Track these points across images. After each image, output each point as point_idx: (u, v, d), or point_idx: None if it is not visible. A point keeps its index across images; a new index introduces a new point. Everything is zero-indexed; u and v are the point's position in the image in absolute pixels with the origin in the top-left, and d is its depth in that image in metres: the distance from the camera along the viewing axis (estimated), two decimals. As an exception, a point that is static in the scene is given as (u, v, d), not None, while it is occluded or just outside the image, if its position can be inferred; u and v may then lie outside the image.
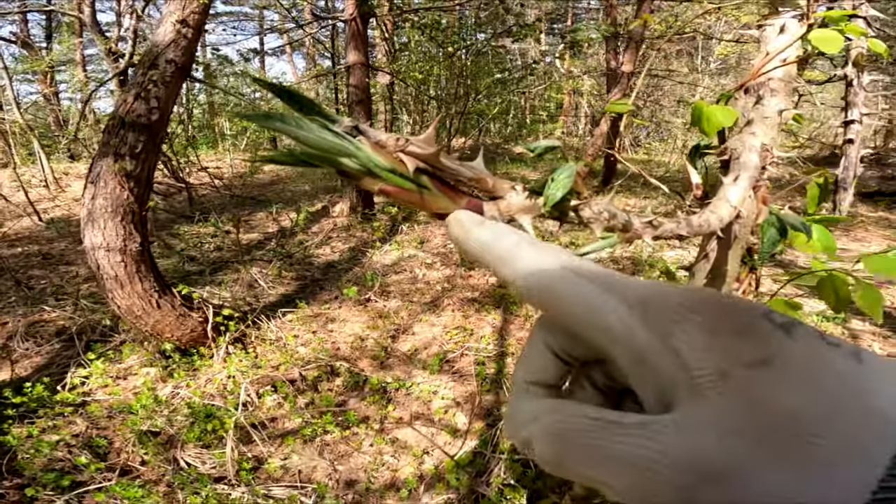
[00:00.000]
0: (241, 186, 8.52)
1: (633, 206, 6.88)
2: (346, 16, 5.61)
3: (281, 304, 3.97)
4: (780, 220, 0.61)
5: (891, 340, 3.13)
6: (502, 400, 2.51)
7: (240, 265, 4.88)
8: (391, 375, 2.81)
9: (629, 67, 6.35)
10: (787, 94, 0.69)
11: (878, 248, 5.61)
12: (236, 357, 2.95)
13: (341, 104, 8.44)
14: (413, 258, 4.90)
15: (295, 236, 5.89)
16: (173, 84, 3.29)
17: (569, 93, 12.27)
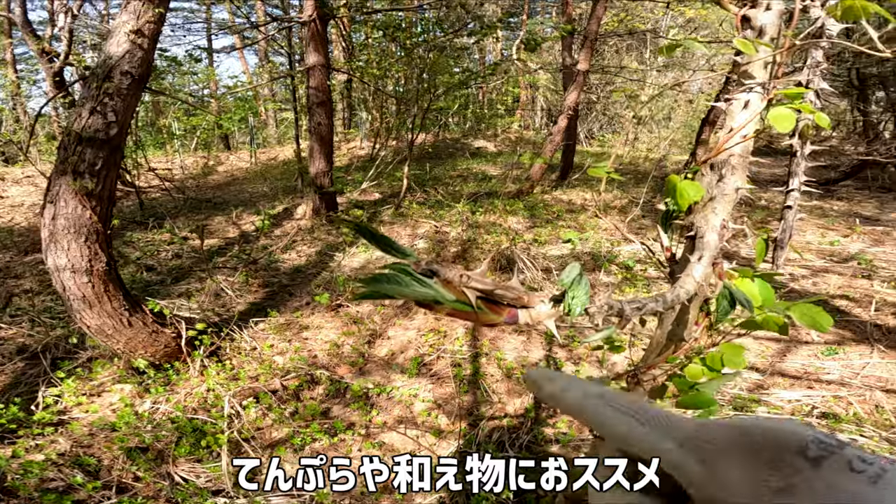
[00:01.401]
0: (194, 188, 8.37)
1: (591, 199, 7.23)
2: (305, 17, 5.63)
3: (251, 313, 4.03)
4: (731, 294, 0.81)
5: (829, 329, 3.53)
6: (480, 400, 2.72)
7: (203, 273, 4.89)
8: (371, 381, 2.97)
9: (584, 66, 6.65)
10: (744, 170, 0.90)
11: (813, 237, 6.16)
12: (213, 370, 3.03)
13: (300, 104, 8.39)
14: (381, 260, 5.04)
15: (258, 241, 5.90)
16: (130, 97, 3.27)
17: (525, 87, 12.60)
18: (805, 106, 0.83)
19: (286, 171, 9.31)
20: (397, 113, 7.76)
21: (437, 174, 8.16)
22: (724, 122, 0.92)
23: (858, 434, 2.24)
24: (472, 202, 6.50)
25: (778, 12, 0.89)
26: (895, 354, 3.10)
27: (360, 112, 10.12)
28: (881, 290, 4.30)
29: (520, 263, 4.47)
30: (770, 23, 0.87)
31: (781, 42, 0.88)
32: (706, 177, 0.90)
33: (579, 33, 7.78)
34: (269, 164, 10.19)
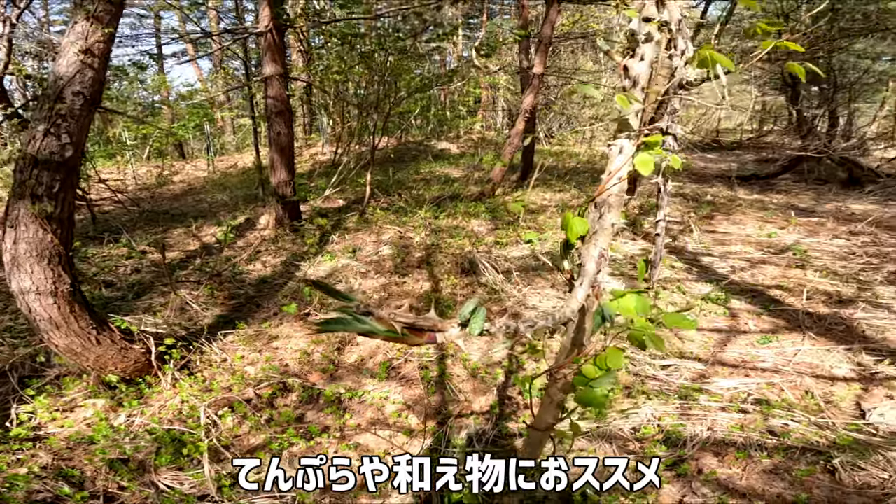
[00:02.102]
0: (150, 200, 8.29)
1: (549, 199, 7.57)
2: (262, 28, 5.72)
3: (219, 326, 4.14)
4: (603, 311, 1.06)
5: (764, 317, 3.92)
6: (448, 399, 2.95)
7: (165, 287, 4.94)
8: (343, 386, 3.16)
9: (540, 69, 6.97)
10: (619, 207, 1.15)
11: (753, 229, 6.66)
12: (186, 383, 3.16)
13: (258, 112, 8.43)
14: (347, 268, 5.20)
15: (221, 253, 5.96)
16: (84, 117, 3.30)
17: (486, 87, 12.93)
18: (660, 150, 1.09)
19: (246, 179, 9.31)
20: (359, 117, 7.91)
21: (400, 178, 8.35)
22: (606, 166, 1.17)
23: (790, 419, 2.57)
24: (436, 206, 6.72)
25: (649, 62, 1.15)
26: (824, 341, 3.49)
27: (320, 117, 10.18)
28: (813, 279, 4.76)
29: (481, 267, 4.72)
30: (642, 73, 1.13)
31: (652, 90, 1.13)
32: (592, 213, 1.15)
33: (535, 37, 8.11)
34: (227, 173, 10.15)
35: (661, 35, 1.21)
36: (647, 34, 1.18)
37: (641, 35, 1.18)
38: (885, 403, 2.55)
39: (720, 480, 2.11)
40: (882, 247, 5.85)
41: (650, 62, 1.16)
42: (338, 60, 7.44)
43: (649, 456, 2.23)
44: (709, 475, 2.12)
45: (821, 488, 2.05)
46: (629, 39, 1.25)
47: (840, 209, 8.02)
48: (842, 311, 4.02)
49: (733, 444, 2.31)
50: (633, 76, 1.12)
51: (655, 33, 1.19)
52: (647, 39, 1.13)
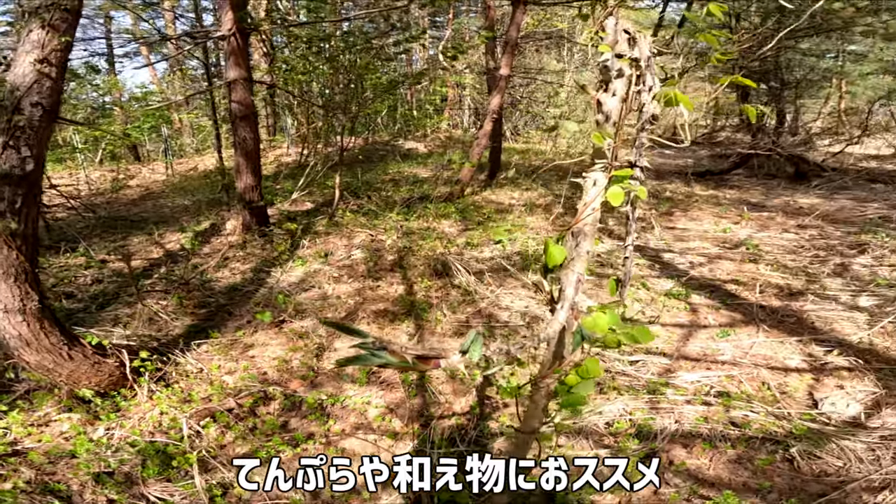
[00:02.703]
0: (105, 206, 8.06)
1: (517, 198, 7.78)
2: (224, 31, 5.67)
3: (191, 336, 4.13)
4: (582, 332, 1.20)
5: (722, 311, 4.19)
6: (429, 401, 3.07)
7: (130, 298, 4.88)
8: (324, 392, 3.23)
9: (506, 71, 7.15)
10: (593, 235, 1.29)
11: (709, 225, 7.03)
12: (163, 394, 3.17)
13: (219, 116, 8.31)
14: (319, 273, 5.24)
15: (187, 260, 5.89)
16: (43, 129, 3.23)
17: (452, 86, 13.07)
18: (629, 184, 1.24)
19: (208, 183, 9.16)
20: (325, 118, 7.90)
21: (368, 179, 8.39)
22: (581, 196, 1.31)
23: (749, 410, 2.80)
24: (406, 208, 6.82)
25: (620, 98, 1.29)
26: (777, 333, 3.78)
27: (284, 118, 10.08)
28: (766, 272, 5.10)
29: (454, 268, 4.86)
30: (614, 108, 1.27)
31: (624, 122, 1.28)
32: (569, 241, 1.29)
33: (500, 37, 8.28)
34: (187, 176, 9.93)
35: (632, 71, 1.34)
36: (618, 70, 1.31)
37: (614, 71, 1.32)
38: (835, 393, 2.82)
39: (690, 471, 2.31)
40: (828, 240, 6.29)
41: (621, 97, 1.30)
42: (302, 61, 7.42)
43: (624, 450, 2.41)
44: (679, 466, 2.32)
45: (781, 476, 2.27)
46: (602, 73, 1.38)
47: (788, 203, 8.53)
48: (792, 303, 4.34)
49: (699, 436, 2.52)
50: (606, 111, 1.26)
51: (626, 69, 1.32)
52: (619, 75, 1.27)
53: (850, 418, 2.62)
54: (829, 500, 2.08)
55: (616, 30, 1.26)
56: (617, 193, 1.23)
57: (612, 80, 1.25)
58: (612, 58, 1.27)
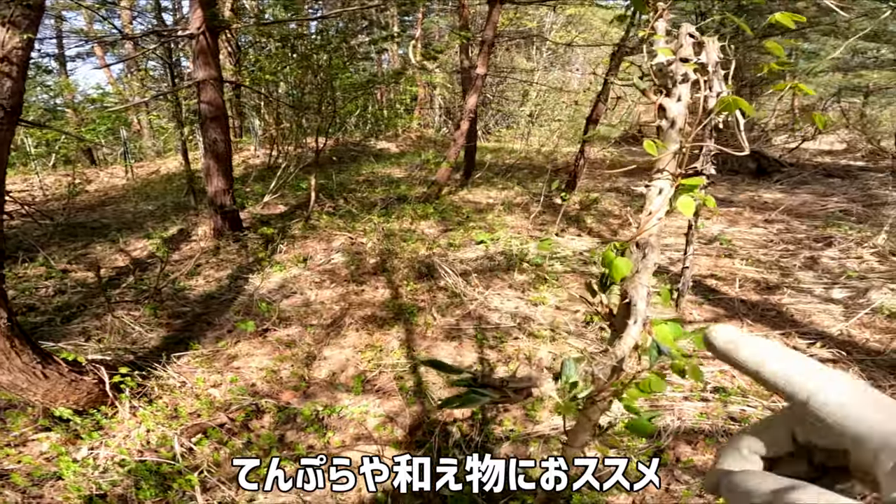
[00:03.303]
0: (62, 212, 7.69)
1: (494, 197, 7.83)
2: (193, 30, 5.49)
3: (169, 348, 4.00)
4: (658, 346, 1.20)
5: (705, 307, 4.32)
6: (428, 408, 3.05)
7: (98, 309, 4.68)
8: (319, 403, 3.18)
9: (483, 70, 7.17)
10: (659, 246, 1.30)
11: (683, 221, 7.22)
12: (148, 411, 3.06)
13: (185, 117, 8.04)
14: (299, 278, 5.15)
15: (159, 268, 5.69)
16: (5, 130, 3.11)
17: (423, 85, 13.03)
18: (703, 196, 1.25)
19: (172, 187, 8.86)
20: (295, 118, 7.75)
21: (342, 181, 8.27)
22: (644, 206, 1.31)
23: (745, 405, 2.89)
24: (384, 209, 6.76)
25: (685, 104, 1.30)
26: (761, 327, 3.92)
27: (251, 119, 9.83)
28: (741, 267, 5.28)
29: (440, 271, 4.85)
30: (680, 113, 1.28)
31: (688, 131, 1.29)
32: (634, 254, 1.29)
33: (475, 36, 8.30)
34: (149, 180, 9.56)
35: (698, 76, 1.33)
36: (684, 74, 1.30)
37: (679, 75, 1.31)
38: (823, 384, 2.94)
39: (697, 467, 2.37)
40: (795, 234, 6.56)
41: (686, 103, 1.30)
42: (271, 60, 7.26)
43: (632, 448, 2.46)
44: (686, 463, 2.38)
45: None
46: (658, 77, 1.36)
47: (753, 199, 8.85)
48: (770, 297, 4.52)
49: (701, 432, 2.60)
50: (671, 117, 1.25)
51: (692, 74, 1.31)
52: (685, 80, 1.27)
53: (844, 409, 2.74)
54: None
55: (681, 33, 1.27)
56: (687, 203, 1.23)
57: (678, 84, 1.25)
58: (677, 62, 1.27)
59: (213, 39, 5.70)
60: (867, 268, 5.11)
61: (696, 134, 1.21)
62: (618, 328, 1.18)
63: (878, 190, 8.97)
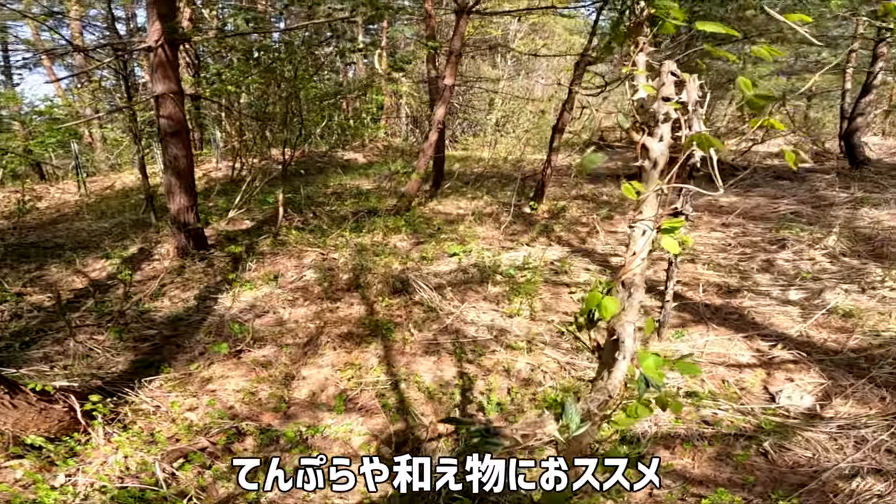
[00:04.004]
0: (12, 231, 7.40)
1: (465, 207, 7.96)
2: (151, 42, 5.42)
3: (138, 372, 3.94)
4: (646, 379, 1.31)
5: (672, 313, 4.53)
6: (413, 424, 3.12)
7: (59, 334, 4.57)
8: (301, 424, 3.20)
9: (450, 81, 7.30)
10: (643, 286, 1.41)
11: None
12: (123, 436, 3.03)
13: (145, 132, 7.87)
14: (271, 296, 5.13)
15: (117, 290, 5.56)
16: None
17: (389, 94, 13.09)
18: (684, 237, 1.37)
19: (129, 203, 8.62)
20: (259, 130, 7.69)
21: (310, 194, 8.23)
22: (629, 246, 1.42)
23: (717, 408, 3.07)
24: (355, 223, 6.78)
25: (666, 143, 1.41)
26: (725, 330, 4.16)
27: (212, 130, 9.66)
28: (703, 272, 5.56)
29: (415, 286, 4.92)
30: (662, 154, 1.40)
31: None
32: (620, 293, 1.39)
33: (442, 46, 8.43)
34: (104, 196, 9.27)
35: (679, 115, 1.44)
36: (665, 114, 1.41)
37: (661, 114, 1.41)
38: (787, 386, 3.17)
39: (678, 471, 2.52)
40: (751, 237, 6.92)
41: (667, 143, 1.41)
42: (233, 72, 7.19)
43: (615, 454, 2.59)
44: (667, 467, 2.53)
45: (761, 470, 2.54)
46: (640, 114, 1.46)
47: (710, 203, 9.26)
48: (732, 300, 4.78)
49: (678, 437, 2.76)
50: (654, 157, 1.36)
51: (673, 113, 1.42)
52: (666, 119, 1.38)
53: (807, 410, 2.97)
54: (809, 490, 2.36)
55: (664, 71, 1.38)
56: (672, 243, 1.34)
57: (660, 123, 1.35)
58: (659, 100, 1.36)
59: (172, 52, 5.63)
60: (820, 269, 5.46)
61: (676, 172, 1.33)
62: (605, 361, 1.29)
63: (825, 191, 9.51)
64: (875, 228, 6.86)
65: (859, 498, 2.36)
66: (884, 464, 2.56)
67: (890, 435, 2.72)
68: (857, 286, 4.78)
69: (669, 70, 1.37)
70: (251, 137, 8.46)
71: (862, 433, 2.77)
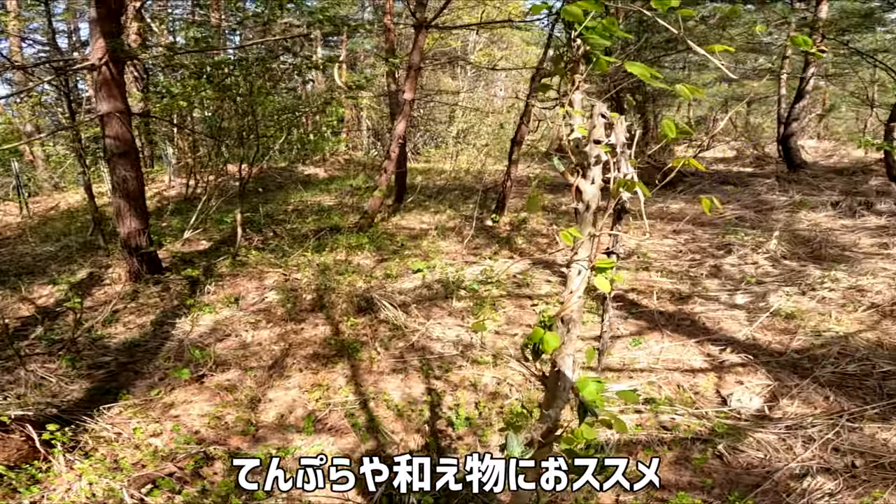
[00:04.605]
0: (-53, 257, 7.04)
1: (428, 222, 8.07)
2: (95, 60, 5.30)
3: (95, 399, 3.88)
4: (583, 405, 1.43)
5: (629, 321, 4.77)
6: (383, 442, 3.19)
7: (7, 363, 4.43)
8: (271, 446, 3.22)
9: (410, 95, 7.42)
10: (580, 320, 1.54)
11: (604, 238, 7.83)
12: (86, 463, 3.00)
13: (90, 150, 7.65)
14: (232, 320, 5.08)
15: (67, 316, 5.39)
16: None
17: (350, 106, 13.10)
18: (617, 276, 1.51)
19: (76, 225, 8.33)
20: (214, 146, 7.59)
21: (269, 211, 8.17)
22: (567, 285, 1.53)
23: (674, 413, 3.26)
24: (317, 241, 6.78)
25: (598, 186, 1.55)
26: (678, 337, 4.40)
27: (164, 147, 9.44)
28: (657, 279, 5.84)
29: (379, 304, 4.99)
30: (594, 196, 1.53)
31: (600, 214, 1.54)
32: (560, 328, 1.50)
33: (402, 60, 8.54)
34: (48, 217, 8.92)
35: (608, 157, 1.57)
36: (597, 156, 1.54)
37: (592, 157, 1.54)
38: (738, 389, 3.40)
39: (640, 477, 2.67)
40: (700, 243, 7.28)
41: (599, 185, 1.54)
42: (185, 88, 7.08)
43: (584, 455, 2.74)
44: (630, 473, 2.68)
45: (718, 472, 2.72)
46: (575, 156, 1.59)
47: (663, 210, 9.67)
48: (684, 307, 5.05)
49: (640, 443, 2.93)
50: (586, 200, 1.49)
51: (604, 155, 1.56)
52: (597, 162, 1.51)
53: (756, 411, 3.20)
54: (763, 490, 2.55)
55: (594, 114, 1.51)
56: (604, 282, 1.47)
57: (591, 166, 1.47)
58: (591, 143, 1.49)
59: (117, 70, 5.51)
60: (763, 272, 5.82)
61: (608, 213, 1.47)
62: (550, 389, 1.41)
63: (767, 195, 10.05)
64: (813, 231, 7.35)
65: (811, 497, 2.51)
66: (832, 462, 2.75)
67: (835, 434, 2.94)
68: (798, 288, 5.13)
69: (600, 112, 1.49)
70: (206, 153, 8.33)
71: (809, 433, 2.98)
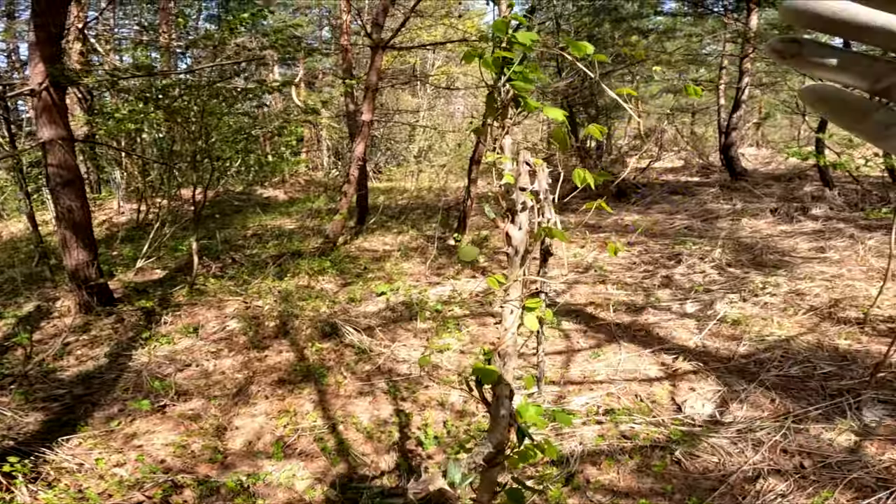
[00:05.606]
0: None
1: (391, 243, 8.20)
2: (34, 85, 5.23)
3: (52, 431, 3.84)
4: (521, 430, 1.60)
5: (588, 334, 5.01)
6: (354, 464, 3.28)
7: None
8: (241, 473, 3.26)
9: (368, 116, 7.57)
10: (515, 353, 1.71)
11: (562, 252, 8.13)
12: (51, 493, 2.99)
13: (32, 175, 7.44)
14: (192, 349, 5.06)
15: (15, 350, 5.25)
16: None
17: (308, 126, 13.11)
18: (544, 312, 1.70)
19: (18, 256, 8.04)
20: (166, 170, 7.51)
21: (227, 237, 8.11)
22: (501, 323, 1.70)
23: (632, 423, 3.47)
24: (278, 267, 6.80)
25: (525, 231, 1.73)
26: (634, 347, 4.66)
27: (112, 171, 9.23)
28: (613, 292, 6.15)
29: (344, 329, 5.07)
30: (521, 241, 1.71)
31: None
32: (497, 361, 1.68)
33: (359, 80, 8.69)
34: (-13, 247, 8.59)
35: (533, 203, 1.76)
36: (523, 203, 1.73)
37: (518, 204, 1.73)
38: (691, 395, 3.66)
39: (605, 486, 2.86)
40: (652, 254, 7.66)
41: (526, 230, 1.72)
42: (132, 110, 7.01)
43: (547, 476, 2.91)
44: (595, 484, 2.87)
45: (677, 478, 2.92)
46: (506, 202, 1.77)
47: (618, 222, 10.10)
48: (639, 318, 5.35)
49: (602, 453, 3.12)
50: (515, 245, 1.66)
51: (529, 202, 1.74)
52: (524, 208, 1.69)
53: (709, 417, 3.44)
54: (720, 494, 2.76)
55: (519, 161, 1.69)
56: (532, 321, 1.65)
57: (518, 212, 1.65)
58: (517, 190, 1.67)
59: (59, 95, 5.44)
60: (710, 280, 6.20)
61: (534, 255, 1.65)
62: (493, 416, 1.58)
63: (712, 204, 10.62)
64: (754, 237, 7.87)
65: (765, 499, 2.70)
66: (781, 464, 2.99)
67: (782, 436, 3.19)
68: (742, 295, 5.52)
69: (525, 160, 1.67)
70: (157, 177, 8.22)
71: (758, 436, 3.22)
